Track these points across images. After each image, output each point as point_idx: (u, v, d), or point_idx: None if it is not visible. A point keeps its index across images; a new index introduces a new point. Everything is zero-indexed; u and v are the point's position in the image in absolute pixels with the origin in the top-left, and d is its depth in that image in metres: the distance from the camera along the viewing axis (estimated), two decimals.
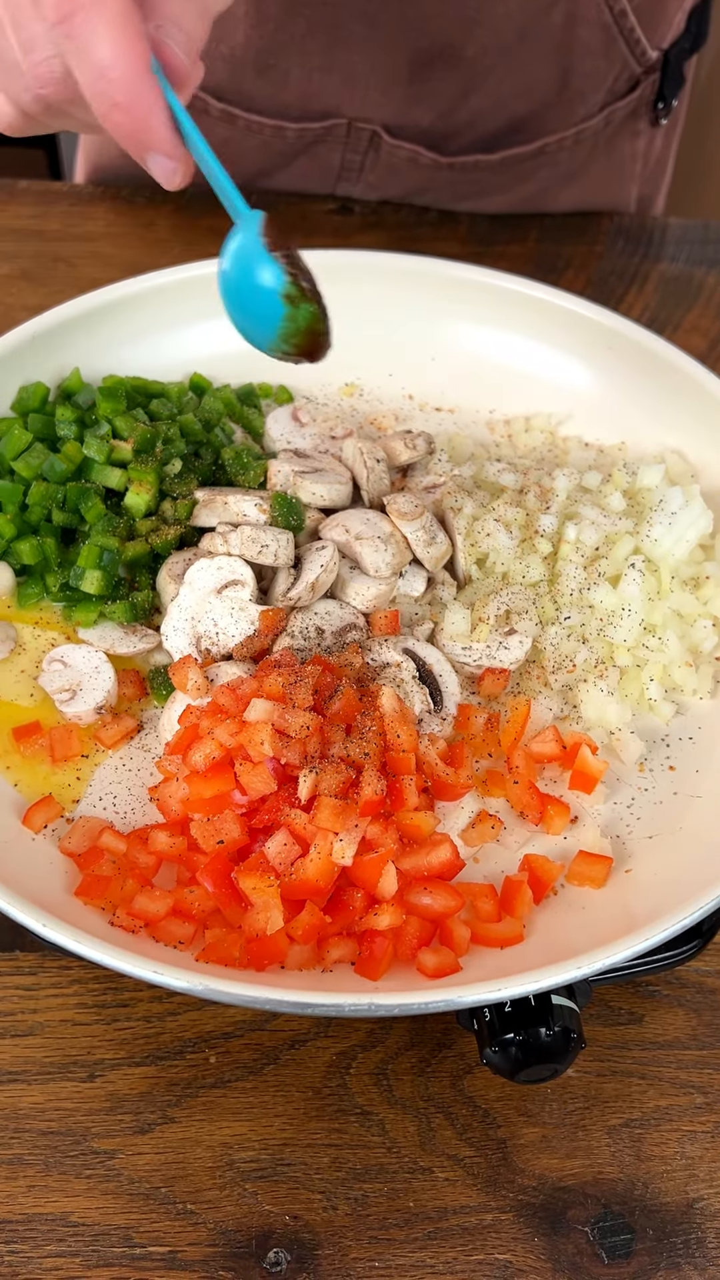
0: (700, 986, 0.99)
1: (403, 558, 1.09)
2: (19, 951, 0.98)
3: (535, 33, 1.42)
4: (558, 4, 1.39)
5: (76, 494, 1.10)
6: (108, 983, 0.97)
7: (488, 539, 1.12)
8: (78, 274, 1.53)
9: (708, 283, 1.59)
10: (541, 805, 0.99)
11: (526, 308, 1.29)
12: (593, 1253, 0.87)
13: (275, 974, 0.87)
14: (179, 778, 0.95)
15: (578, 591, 1.09)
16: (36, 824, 0.96)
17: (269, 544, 1.06)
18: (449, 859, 0.92)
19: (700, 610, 1.09)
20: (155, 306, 1.26)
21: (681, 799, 1.01)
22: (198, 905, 0.90)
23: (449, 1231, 0.87)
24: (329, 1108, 0.92)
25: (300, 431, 1.23)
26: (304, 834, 0.90)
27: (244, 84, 1.49)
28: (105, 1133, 0.90)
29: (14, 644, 1.08)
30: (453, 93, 1.49)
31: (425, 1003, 0.80)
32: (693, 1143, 0.92)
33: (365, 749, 0.93)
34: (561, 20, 1.40)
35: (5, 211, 1.61)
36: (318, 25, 1.31)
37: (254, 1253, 0.85)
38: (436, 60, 1.44)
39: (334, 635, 1.06)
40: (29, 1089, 0.92)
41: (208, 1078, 0.93)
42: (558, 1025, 0.85)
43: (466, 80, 1.47)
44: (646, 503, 1.13)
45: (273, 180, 1.62)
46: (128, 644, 1.07)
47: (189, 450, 1.16)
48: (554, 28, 1.42)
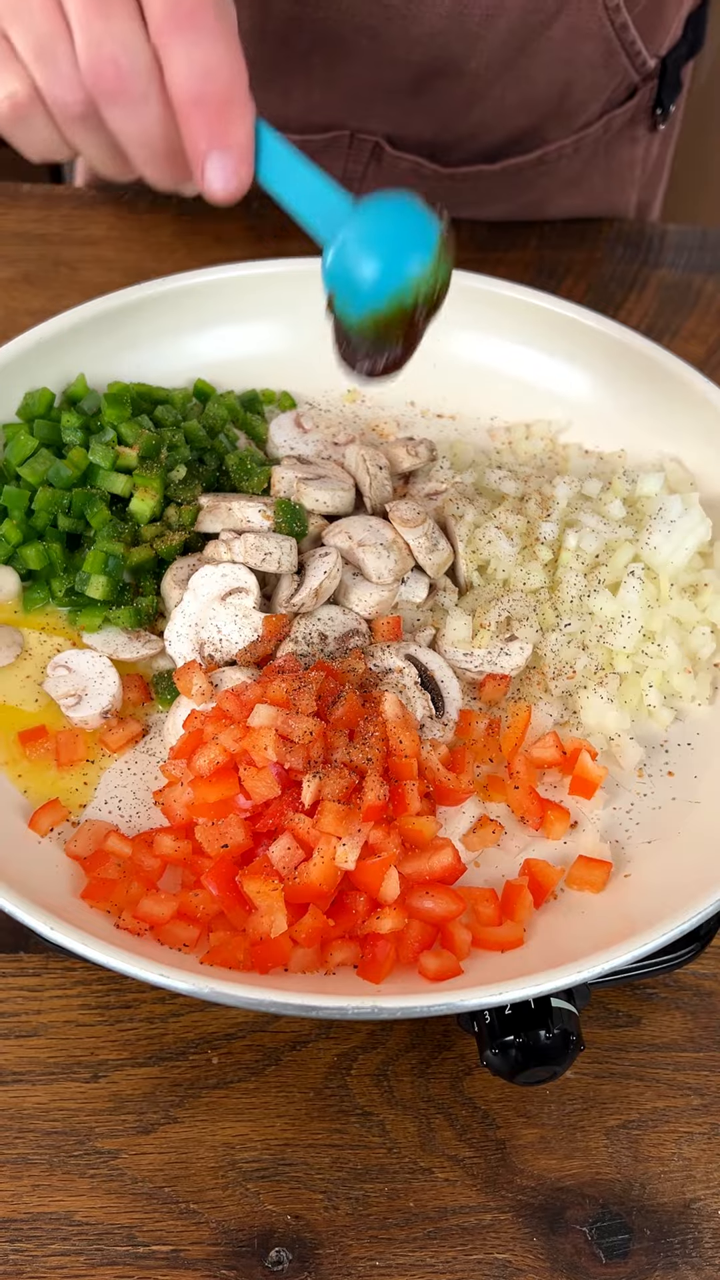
0: (698, 989, 1.00)
1: (405, 564, 1.10)
2: (23, 953, 0.99)
3: (536, 47, 1.43)
4: (559, 18, 1.39)
5: (82, 500, 1.11)
6: (111, 984, 0.97)
7: (489, 546, 1.13)
8: (80, 278, 1.54)
9: (706, 289, 1.60)
10: (542, 810, 1.00)
11: (527, 315, 1.30)
12: (590, 1252, 0.88)
13: (279, 977, 0.88)
14: (183, 782, 0.96)
15: (578, 598, 1.10)
16: (43, 827, 0.97)
17: (272, 551, 1.07)
18: (450, 863, 0.94)
19: (699, 617, 1.10)
20: (160, 313, 1.27)
21: (680, 804, 1.02)
22: (202, 908, 0.91)
23: (448, 1231, 0.88)
24: (330, 1108, 0.93)
25: (303, 438, 1.24)
26: (307, 838, 0.91)
27: None
28: (109, 1133, 0.91)
29: (20, 649, 1.09)
30: (455, 105, 1.50)
31: (427, 1006, 0.81)
32: (690, 1144, 0.93)
33: (368, 754, 0.94)
34: (563, 34, 1.41)
35: (7, 215, 1.62)
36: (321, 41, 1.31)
37: (256, 1252, 0.86)
38: (439, 74, 1.45)
39: (336, 641, 1.07)
40: (33, 1089, 0.92)
41: (210, 1078, 0.94)
42: (557, 1028, 0.86)
43: (469, 93, 1.48)
44: (646, 510, 1.14)
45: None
46: (131, 649, 1.08)
47: (193, 456, 1.17)
48: (555, 42, 1.43)
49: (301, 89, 1.47)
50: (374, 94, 1.47)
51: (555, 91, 1.49)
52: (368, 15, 1.37)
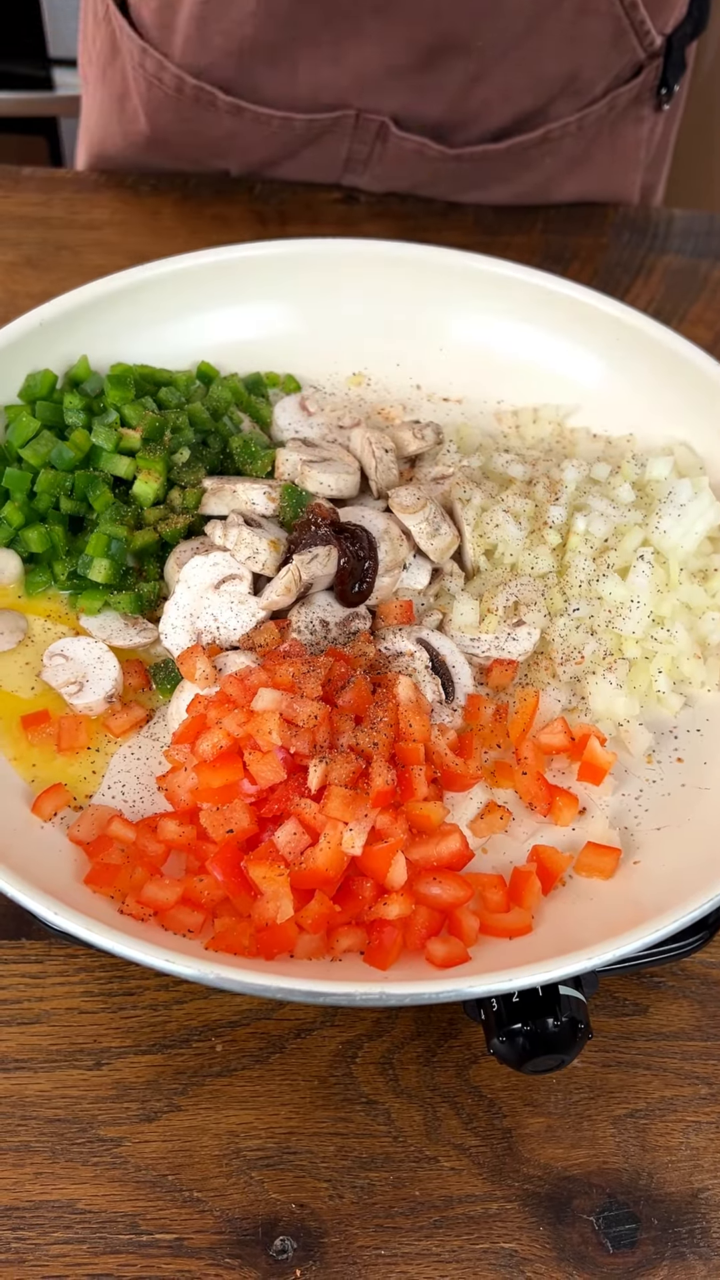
0: (706, 979, 0.99)
1: (397, 553, 1.09)
2: (25, 940, 0.98)
3: (545, 25, 1.42)
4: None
5: (84, 482, 1.09)
6: (114, 971, 0.97)
7: (496, 530, 1.12)
8: (82, 262, 1.53)
9: (713, 275, 1.59)
10: (550, 796, 0.99)
11: (535, 298, 1.29)
12: (598, 1242, 0.87)
13: (284, 963, 0.87)
14: (187, 767, 0.95)
15: (586, 583, 1.09)
16: (46, 811, 0.96)
17: (259, 553, 1.05)
18: (458, 849, 0.93)
19: (709, 603, 1.09)
20: (163, 294, 1.25)
21: (689, 791, 1.01)
22: (207, 894, 0.90)
23: (454, 1220, 0.87)
24: (335, 1097, 0.92)
25: (308, 421, 1.22)
26: (314, 823, 0.90)
27: (253, 76, 1.48)
28: (112, 1120, 0.90)
29: (23, 635, 1.07)
30: (462, 84, 1.48)
31: (435, 993, 0.80)
32: (697, 1133, 0.92)
33: (374, 739, 0.93)
34: (572, 13, 1.40)
35: (9, 199, 1.61)
36: (329, 17, 1.30)
37: (260, 1240, 0.86)
38: (446, 52, 1.44)
39: (338, 627, 1.06)
40: (35, 1077, 0.92)
41: (214, 1066, 0.93)
42: (565, 1016, 0.85)
43: (476, 72, 1.47)
44: (655, 495, 1.13)
45: (279, 170, 1.61)
46: (125, 636, 1.07)
47: (197, 439, 1.16)
48: (564, 20, 1.41)
49: (309, 67, 1.45)
50: (382, 72, 1.46)
51: (563, 71, 1.48)
52: None
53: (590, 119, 1.57)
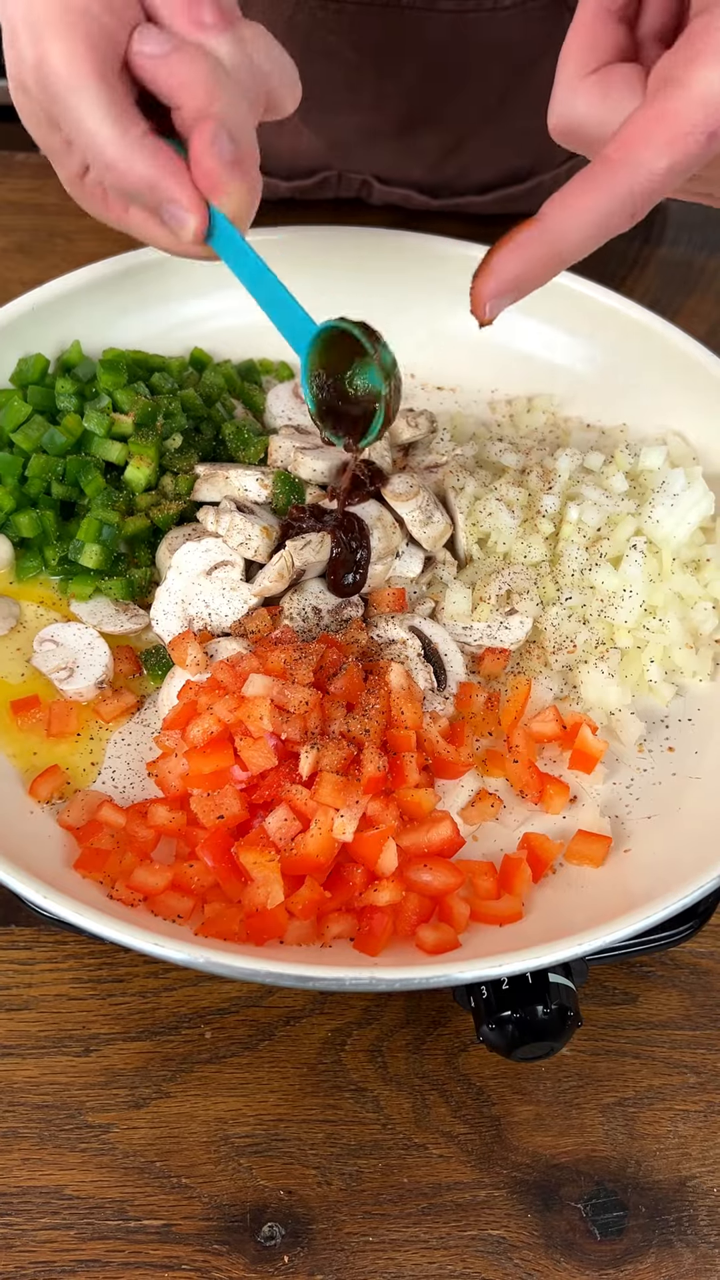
0: (694, 968, 1.00)
1: (390, 541, 1.08)
2: (14, 925, 0.97)
3: (516, 95, 1.42)
4: (539, 65, 1.37)
5: (76, 467, 1.09)
6: (103, 957, 0.96)
7: (489, 519, 1.12)
8: (75, 248, 1.52)
9: (708, 268, 1.59)
10: (541, 784, 0.99)
11: None
12: (585, 1229, 0.87)
13: (274, 949, 0.87)
14: (177, 753, 0.95)
15: (579, 572, 1.09)
16: (42, 794, 0.95)
17: (252, 539, 1.04)
18: (449, 836, 0.92)
19: (701, 593, 1.09)
20: (156, 280, 1.25)
21: (680, 780, 1.01)
22: (197, 880, 0.89)
23: (443, 1207, 0.87)
24: (324, 1084, 0.92)
25: (301, 408, 1.22)
26: (305, 809, 0.89)
27: None
28: (100, 1107, 0.90)
29: (15, 621, 1.07)
30: (440, 150, 1.50)
31: (425, 978, 0.80)
32: (685, 1122, 0.92)
33: (366, 726, 0.93)
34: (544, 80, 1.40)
35: (2, 185, 1.60)
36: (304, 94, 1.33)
37: (248, 1227, 0.86)
38: (420, 124, 1.46)
39: (330, 614, 1.06)
40: (23, 1063, 0.91)
41: (203, 1053, 0.93)
42: (555, 1003, 0.85)
43: (454, 140, 1.49)
44: (648, 484, 1.13)
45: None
46: (116, 623, 1.07)
47: (189, 425, 1.15)
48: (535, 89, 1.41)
49: (288, 138, 1.48)
50: (359, 139, 1.48)
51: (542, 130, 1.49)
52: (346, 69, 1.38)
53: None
